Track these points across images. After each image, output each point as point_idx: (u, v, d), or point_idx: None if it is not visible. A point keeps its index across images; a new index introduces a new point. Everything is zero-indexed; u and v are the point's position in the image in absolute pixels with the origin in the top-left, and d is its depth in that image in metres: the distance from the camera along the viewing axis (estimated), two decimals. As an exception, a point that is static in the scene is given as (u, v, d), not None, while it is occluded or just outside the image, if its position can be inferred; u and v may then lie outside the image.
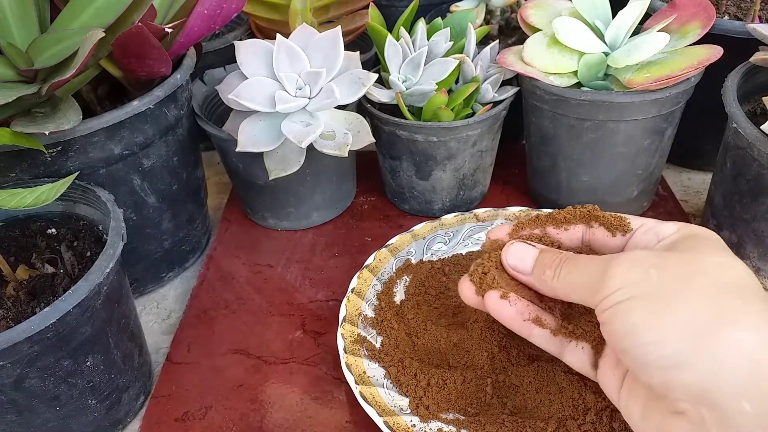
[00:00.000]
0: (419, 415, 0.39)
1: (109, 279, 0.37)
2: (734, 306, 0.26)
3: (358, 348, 0.43)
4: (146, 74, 0.46)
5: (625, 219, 0.34)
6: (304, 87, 0.50)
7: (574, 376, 0.39)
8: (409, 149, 0.54)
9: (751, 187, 0.46)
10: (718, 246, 0.30)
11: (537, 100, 0.52)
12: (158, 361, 0.48)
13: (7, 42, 0.42)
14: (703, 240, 0.30)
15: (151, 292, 0.54)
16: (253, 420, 0.42)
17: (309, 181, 0.55)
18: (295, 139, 0.47)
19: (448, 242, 0.53)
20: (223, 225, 0.60)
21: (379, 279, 0.49)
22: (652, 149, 0.52)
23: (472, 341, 0.42)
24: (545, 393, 0.39)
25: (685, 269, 0.28)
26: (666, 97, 0.48)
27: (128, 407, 0.43)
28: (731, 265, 0.28)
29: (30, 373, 0.35)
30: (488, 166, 0.58)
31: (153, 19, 0.43)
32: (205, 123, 0.53)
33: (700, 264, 0.28)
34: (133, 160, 0.46)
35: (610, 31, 0.50)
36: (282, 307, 0.51)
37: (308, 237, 0.58)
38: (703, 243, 0.30)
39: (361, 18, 0.63)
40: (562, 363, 0.40)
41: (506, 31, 0.67)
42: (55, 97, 0.43)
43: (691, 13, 0.51)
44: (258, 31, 0.66)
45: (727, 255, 0.29)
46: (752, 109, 0.52)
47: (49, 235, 0.44)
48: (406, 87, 0.52)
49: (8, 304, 0.39)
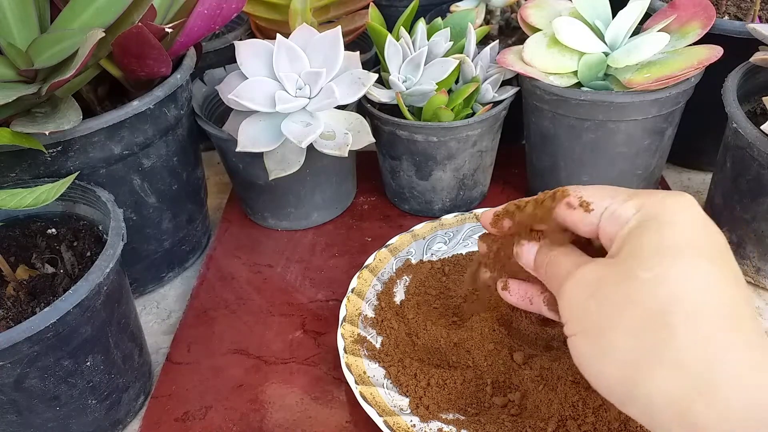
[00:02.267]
0: (419, 415, 0.39)
1: (109, 279, 0.37)
2: (657, 342, 0.25)
3: (358, 348, 0.43)
4: (146, 74, 0.46)
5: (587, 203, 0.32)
6: (304, 87, 0.50)
7: (575, 376, 0.39)
8: (409, 149, 0.54)
9: (751, 187, 0.46)
10: (667, 239, 0.27)
11: (537, 100, 0.52)
12: (158, 361, 0.48)
13: (7, 42, 0.42)
14: (656, 230, 0.27)
15: (151, 292, 0.54)
16: (253, 420, 0.42)
17: (309, 181, 0.55)
18: (295, 139, 0.47)
19: (448, 242, 0.53)
20: (223, 225, 0.60)
21: (379, 279, 0.49)
22: (652, 149, 0.52)
23: (472, 341, 0.42)
24: (545, 393, 0.39)
25: (618, 295, 0.27)
26: (666, 97, 0.48)
27: (128, 407, 0.43)
28: (663, 280, 0.26)
29: (30, 373, 0.35)
30: (488, 166, 0.58)
31: (153, 19, 0.43)
32: (205, 123, 0.53)
33: (632, 286, 0.26)
34: (133, 160, 0.46)
35: (610, 31, 0.50)
36: (282, 307, 0.51)
37: (308, 237, 0.58)
38: (654, 237, 0.27)
39: (361, 18, 0.63)
40: (562, 363, 0.40)
41: (506, 31, 0.67)
42: (55, 97, 0.43)
43: (691, 13, 0.51)
44: (258, 31, 0.66)
45: (666, 259, 0.26)
46: (752, 109, 0.52)
47: (49, 235, 0.44)
48: (406, 87, 0.52)
49: (8, 304, 0.39)
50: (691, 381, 0.24)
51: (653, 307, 0.25)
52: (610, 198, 0.30)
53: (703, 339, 0.24)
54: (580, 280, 0.29)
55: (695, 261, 0.26)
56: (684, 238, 0.27)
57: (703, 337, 0.24)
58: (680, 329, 0.25)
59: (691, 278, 0.26)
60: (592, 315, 0.27)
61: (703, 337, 0.24)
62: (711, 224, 0.28)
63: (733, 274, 0.26)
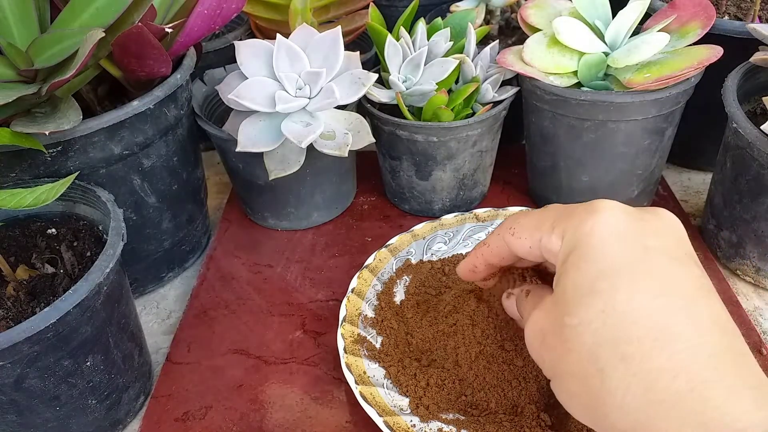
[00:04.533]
0: (419, 415, 0.39)
1: (109, 279, 0.37)
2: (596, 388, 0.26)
3: (358, 348, 0.43)
4: (146, 74, 0.46)
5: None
6: (304, 87, 0.50)
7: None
8: (409, 149, 0.54)
9: (751, 187, 0.46)
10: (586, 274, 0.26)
11: (537, 100, 0.52)
12: (158, 361, 0.48)
13: (7, 42, 0.42)
14: (575, 266, 0.27)
15: (151, 292, 0.54)
16: (253, 420, 0.42)
17: (309, 181, 0.55)
18: (295, 139, 0.47)
19: (448, 242, 0.53)
20: (223, 225, 0.60)
21: (379, 279, 0.49)
22: (652, 149, 0.52)
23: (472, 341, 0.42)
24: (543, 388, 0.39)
25: (558, 346, 0.27)
26: (666, 97, 0.48)
27: (128, 407, 0.43)
28: (587, 324, 0.26)
29: (30, 373, 0.35)
30: (488, 166, 0.58)
31: (153, 19, 0.43)
32: (205, 123, 0.53)
33: (564, 334, 0.27)
34: (133, 160, 0.46)
35: (610, 31, 0.50)
36: (282, 307, 0.51)
37: (308, 237, 0.58)
38: (574, 277, 0.27)
39: (361, 18, 0.63)
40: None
41: (506, 31, 0.67)
42: (55, 97, 0.43)
43: (691, 13, 0.51)
44: (258, 31, 0.66)
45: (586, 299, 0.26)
46: (752, 109, 0.52)
47: (49, 235, 0.44)
48: (406, 87, 0.52)
49: (8, 304, 0.39)
50: (637, 417, 0.24)
51: (584, 354, 0.26)
52: (538, 231, 0.30)
53: (634, 374, 0.24)
54: (531, 330, 0.30)
55: (613, 294, 0.25)
56: (600, 267, 0.26)
57: (633, 372, 0.24)
58: (612, 372, 0.25)
59: (611, 314, 0.25)
60: (548, 365, 0.29)
61: (633, 372, 0.24)
62: (632, 231, 0.27)
63: (661, 282, 0.26)
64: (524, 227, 0.31)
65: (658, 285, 0.25)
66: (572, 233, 0.28)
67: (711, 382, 0.23)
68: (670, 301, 0.25)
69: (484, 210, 0.54)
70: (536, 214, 0.31)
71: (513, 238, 0.32)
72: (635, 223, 0.27)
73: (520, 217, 0.32)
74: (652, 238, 0.27)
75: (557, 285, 0.28)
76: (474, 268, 0.37)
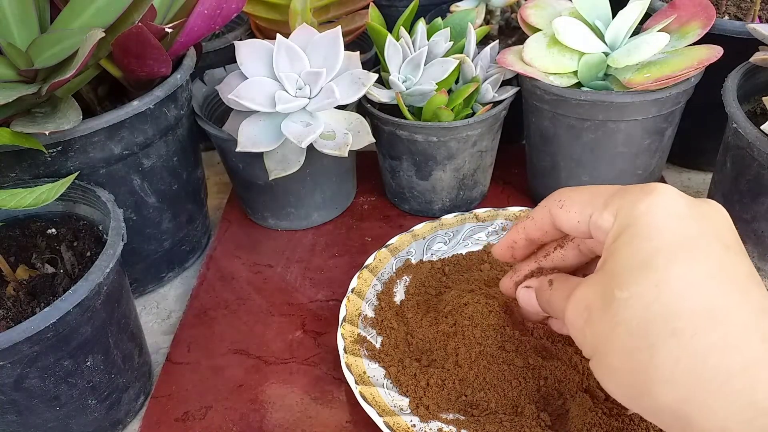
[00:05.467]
0: (419, 415, 0.39)
1: (109, 279, 0.37)
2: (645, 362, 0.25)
3: (358, 348, 0.43)
4: (146, 74, 0.46)
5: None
6: (304, 87, 0.50)
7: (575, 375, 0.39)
8: (409, 149, 0.54)
9: (751, 187, 0.46)
10: (641, 250, 0.26)
11: (537, 100, 0.52)
12: (158, 361, 0.48)
13: (7, 42, 0.42)
14: (629, 243, 0.27)
15: (151, 292, 0.54)
16: (253, 420, 0.42)
17: (309, 181, 0.55)
18: (295, 139, 0.47)
19: (448, 242, 0.53)
20: (223, 225, 0.60)
21: (379, 279, 0.49)
22: (652, 149, 0.52)
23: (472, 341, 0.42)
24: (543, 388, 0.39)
25: (605, 321, 0.27)
26: (666, 97, 0.48)
27: (128, 407, 0.43)
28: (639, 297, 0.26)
29: (30, 373, 0.35)
30: (488, 166, 0.58)
31: (153, 19, 0.43)
32: (205, 123, 0.53)
33: (613, 308, 0.26)
34: (133, 160, 0.46)
35: (610, 31, 0.50)
36: (282, 307, 0.51)
37: (308, 237, 0.58)
38: (627, 252, 0.27)
39: (361, 18, 0.63)
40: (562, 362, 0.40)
41: (506, 31, 0.67)
42: (55, 97, 0.43)
43: (691, 13, 0.51)
44: (258, 31, 0.66)
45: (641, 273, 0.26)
46: (752, 109, 0.52)
47: (49, 235, 0.44)
48: (406, 87, 0.52)
49: (8, 304, 0.39)
50: (684, 392, 0.24)
51: (634, 327, 0.26)
52: (590, 206, 0.30)
53: (684, 349, 0.24)
54: (573, 310, 0.29)
55: (668, 269, 0.25)
56: (655, 245, 0.26)
57: (684, 347, 0.24)
58: (661, 346, 0.25)
59: (665, 289, 0.25)
60: (590, 342, 0.28)
61: (684, 347, 0.24)
62: (688, 214, 0.27)
63: (716, 264, 0.26)
64: (575, 201, 0.31)
65: (714, 266, 0.26)
66: (627, 211, 0.28)
67: (764, 363, 0.24)
68: (724, 282, 0.25)
69: (484, 210, 0.54)
70: (589, 190, 0.31)
71: (561, 211, 0.31)
72: (690, 207, 0.28)
73: (569, 192, 0.32)
74: (706, 223, 0.27)
75: (605, 262, 0.28)
76: (513, 244, 0.36)
